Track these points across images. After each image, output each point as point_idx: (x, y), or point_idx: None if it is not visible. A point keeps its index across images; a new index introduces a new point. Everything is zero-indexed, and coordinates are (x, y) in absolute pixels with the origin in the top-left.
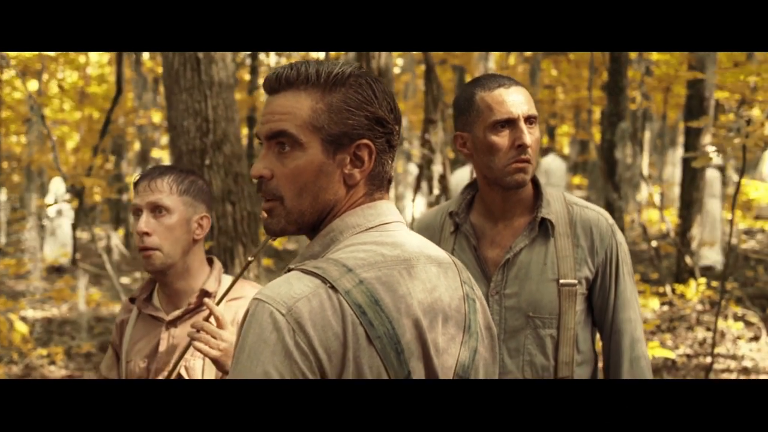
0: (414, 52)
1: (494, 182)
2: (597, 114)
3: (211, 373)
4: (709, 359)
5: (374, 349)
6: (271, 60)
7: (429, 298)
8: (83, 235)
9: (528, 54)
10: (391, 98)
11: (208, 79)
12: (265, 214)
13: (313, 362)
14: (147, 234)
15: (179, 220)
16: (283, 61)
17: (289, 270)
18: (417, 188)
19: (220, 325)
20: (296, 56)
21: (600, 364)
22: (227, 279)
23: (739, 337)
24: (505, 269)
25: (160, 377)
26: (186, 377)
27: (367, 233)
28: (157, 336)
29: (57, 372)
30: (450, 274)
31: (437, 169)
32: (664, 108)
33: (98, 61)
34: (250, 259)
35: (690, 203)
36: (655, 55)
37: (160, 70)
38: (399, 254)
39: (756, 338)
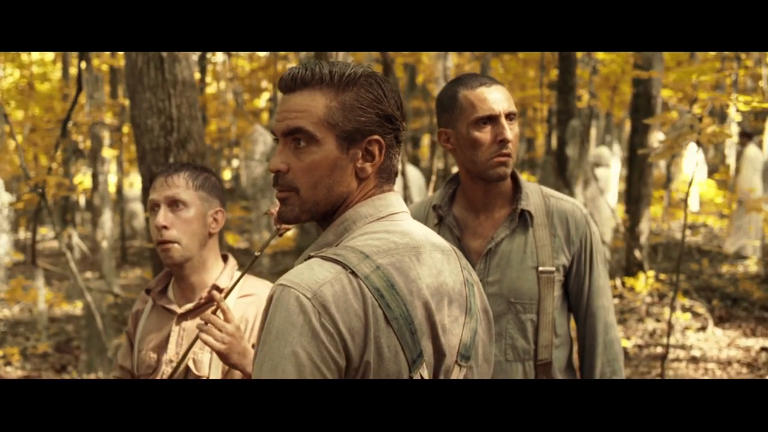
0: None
1: (477, 176)
2: (543, 112)
3: (218, 367)
4: (660, 349)
5: (392, 330)
6: (218, 58)
7: (435, 282)
8: (27, 234)
9: (478, 53)
10: (398, 96)
11: (171, 78)
12: (278, 204)
13: (338, 342)
14: (165, 227)
15: (196, 213)
16: (235, 61)
17: (309, 257)
18: None
19: (227, 319)
20: (240, 55)
21: (575, 348)
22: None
23: (687, 328)
24: (488, 258)
25: (169, 369)
26: (194, 370)
27: (378, 223)
28: (168, 328)
29: (14, 372)
30: (452, 260)
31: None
32: (609, 106)
33: (41, 58)
34: (257, 254)
35: (638, 199)
36: (600, 55)
37: (106, 68)
38: (408, 242)
39: (703, 328)
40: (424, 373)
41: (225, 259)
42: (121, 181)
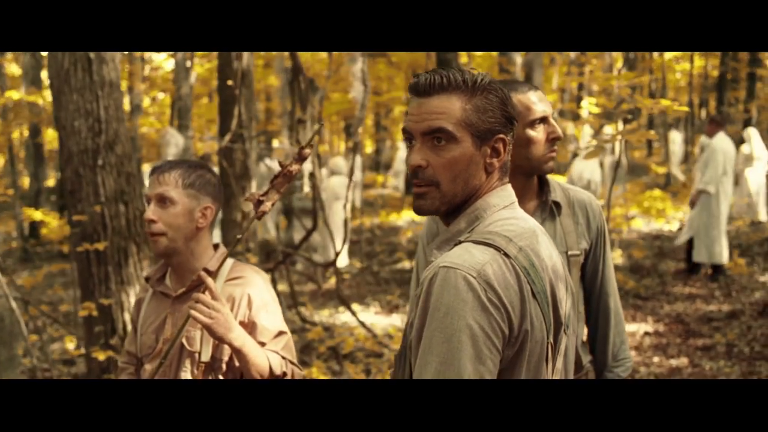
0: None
1: (529, 171)
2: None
3: (208, 342)
4: None
5: (536, 302)
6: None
7: (550, 261)
8: None
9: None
10: (512, 101)
11: (99, 79)
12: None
13: (503, 314)
14: (153, 221)
15: (183, 210)
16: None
17: (459, 243)
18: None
19: (214, 297)
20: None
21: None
22: (231, 262)
23: None
24: None
25: (165, 347)
26: (187, 346)
27: (504, 210)
28: (165, 311)
29: None
30: (551, 243)
31: (307, 167)
32: None
33: None
34: (238, 237)
35: None
36: (478, 58)
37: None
38: (530, 226)
39: None
40: (551, 339)
41: (216, 247)
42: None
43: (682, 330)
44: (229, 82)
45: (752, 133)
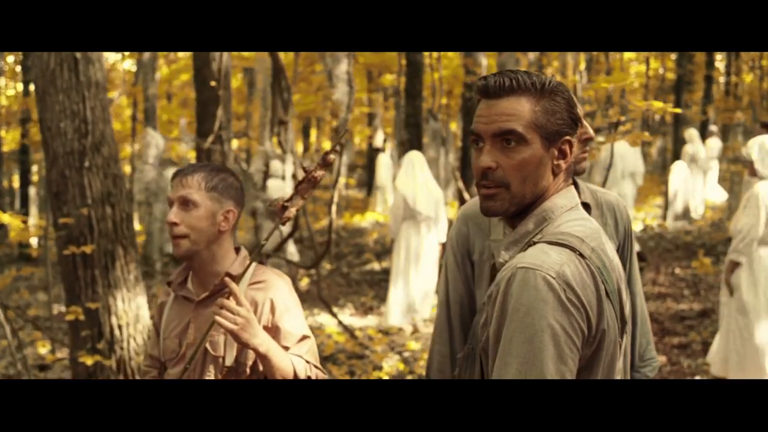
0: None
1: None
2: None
3: (232, 347)
4: None
5: (610, 301)
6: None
7: (615, 260)
8: None
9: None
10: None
11: (86, 80)
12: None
13: (582, 313)
14: (175, 224)
15: (205, 213)
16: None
17: (532, 243)
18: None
19: (238, 303)
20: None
21: None
22: (253, 265)
23: None
24: None
25: (189, 352)
26: (211, 351)
27: (571, 212)
28: (188, 315)
29: None
30: (611, 243)
31: (288, 167)
32: (444, 110)
33: None
34: (262, 242)
35: None
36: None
37: None
38: (596, 227)
39: None
40: (620, 338)
41: (237, 251)
42: None
43: (657, 329)
44: (213, 83)
45: (693, 134)
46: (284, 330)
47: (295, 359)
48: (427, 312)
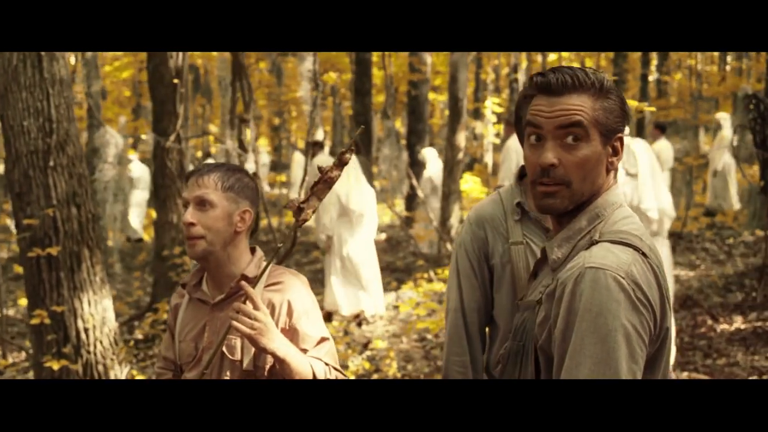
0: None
1: None
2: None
3: (249, 350)
4: None
5: (666, 299)
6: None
7: (660, 257)
8: None
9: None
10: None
11: (50, 77)
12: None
13: (651, 312)
14: (192, 224)
15: (221, 213)
16: None
17: (594, 242)
18: None
19: (255, 307)
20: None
21: None
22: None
23: None
24: None
25: (206, 356)
26: (228, 355)
27: (622, 209)
28: (204, 318)
29: None
30: None
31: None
32: (393, 107)
33: None
34: (279, 245)
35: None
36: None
37: None
38: (643, 225)
39: None
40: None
41: (253, 251)
42: None
43: None
44: (175, 81)
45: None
46: (302, 332)
47: (315, 362)
48: (380, 308)
